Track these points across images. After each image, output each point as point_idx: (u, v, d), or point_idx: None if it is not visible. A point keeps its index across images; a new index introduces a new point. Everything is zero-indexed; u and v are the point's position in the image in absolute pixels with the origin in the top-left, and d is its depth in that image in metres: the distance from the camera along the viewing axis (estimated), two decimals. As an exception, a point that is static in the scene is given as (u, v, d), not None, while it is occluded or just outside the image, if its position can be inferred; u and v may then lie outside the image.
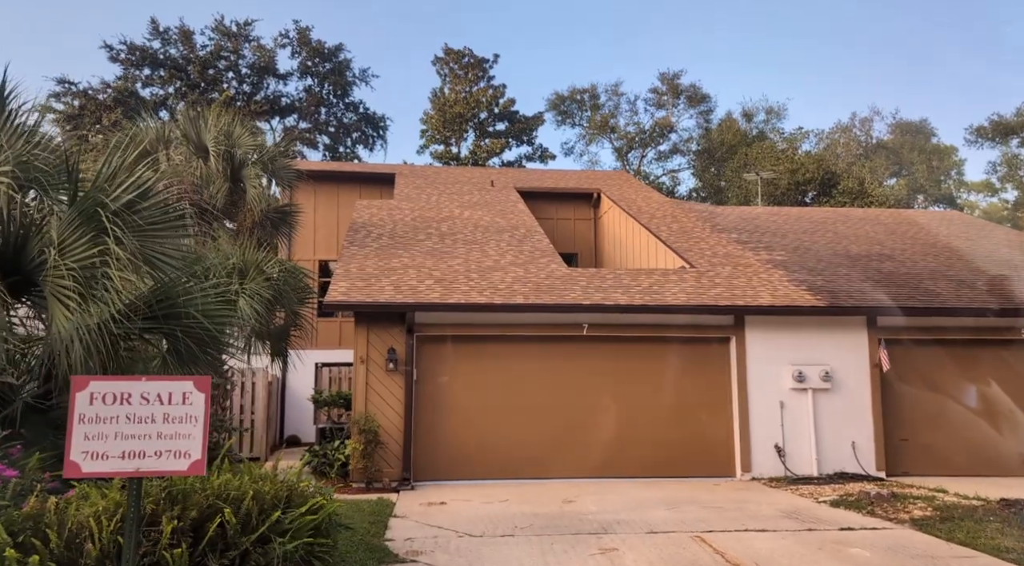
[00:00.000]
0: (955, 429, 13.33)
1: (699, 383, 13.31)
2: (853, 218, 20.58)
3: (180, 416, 4.23)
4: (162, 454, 4.15)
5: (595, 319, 12.92)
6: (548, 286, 13.41)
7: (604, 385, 13.10)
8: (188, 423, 4.25)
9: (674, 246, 16.40)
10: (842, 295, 13.70)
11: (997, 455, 13.23)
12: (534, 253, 15.50)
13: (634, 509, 9.92)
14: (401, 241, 15.70)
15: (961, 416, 13.41)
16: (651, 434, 13.00)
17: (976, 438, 13.30)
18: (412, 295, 12.54)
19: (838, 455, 13.05)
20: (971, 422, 13.38)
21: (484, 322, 12.76)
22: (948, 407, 13.40)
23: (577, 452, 12.79)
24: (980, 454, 13.21)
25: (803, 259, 16.07)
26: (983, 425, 13.38)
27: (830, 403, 13.19)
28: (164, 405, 4.21)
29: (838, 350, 13.38)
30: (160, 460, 4.15)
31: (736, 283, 14.06)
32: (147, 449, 4.13)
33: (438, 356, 12.82)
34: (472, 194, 20.96)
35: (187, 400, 4.27)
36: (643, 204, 20.61)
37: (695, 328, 13.29)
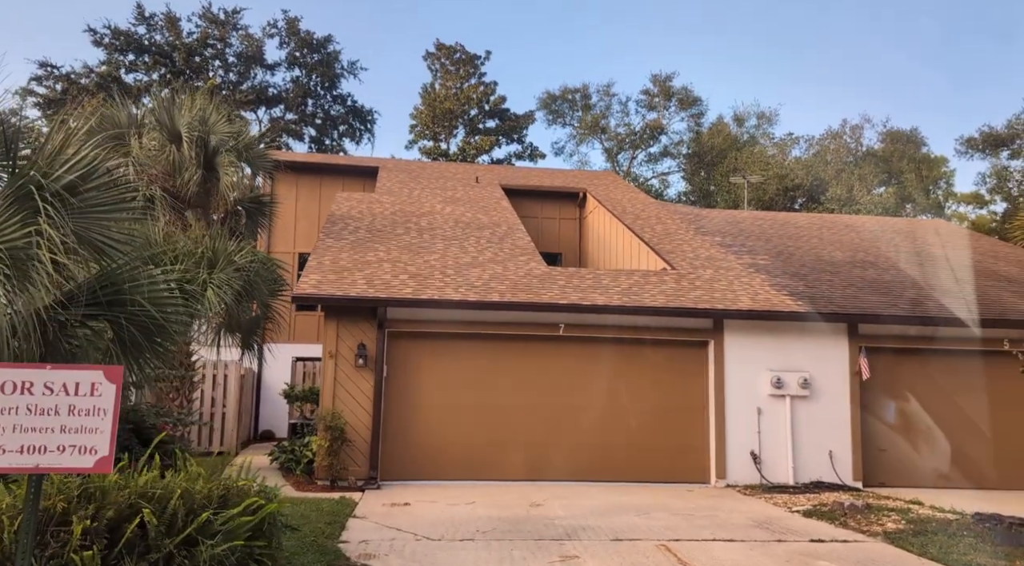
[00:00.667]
0: (935, 440, 13.14)
1: (676, 387, 13.07)
2: (839, 224, 20.41)
3: (87, 408, 3.92)
4: (65, 449, 3.84)
5: (572, 319, 12.67)
6: (525, 285, 13.14)
7: (580, 387, 12.85)
8: (96, 416, 3.94)
9: (657, 248, 16.16)
10: (823, 301, 13.49)
11: (976, 468, 13.04)
12: (514, 251, 15.23)
13: (603, 514, 9.66)
14: (379, 235, 15.41)
15: (941, 427, 13.21)
16: (626, 438, 12.75)
17: (956, 450, 13.11)
18: (385, 290, 12.25)
19: (815, 464, 12.83)
20: (951, 434, 13.19)
21: (458, 319, 12.49)
22: (928, 418, 13.20)
23: (550, 454, 12.52)
24: (959, 466, 13.02)
25: (786, 264, 15.87)
26: (963, 437, 13.19)
27: (808, 411, 12.97)
28: (70, 396, 3.91)
29: (818, 357, 13.16)
30: (63, 456, 3.84)
31: (717, 286, 13.83)
32: (49, 444, 3.82)
33: (410, 353, 12.54)
34: (456, 190, 20.67)
35: (96, 391, 3.96)
36: (628, 205, 20.37)
37: (674, 331, 13.05)
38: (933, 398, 13.31)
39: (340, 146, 34.19)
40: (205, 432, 16.59)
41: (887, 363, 13.24)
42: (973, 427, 13.27)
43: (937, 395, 13.32)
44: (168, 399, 12.98)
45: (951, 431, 13.18)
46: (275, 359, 20.50)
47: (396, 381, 12.40)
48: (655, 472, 12.64)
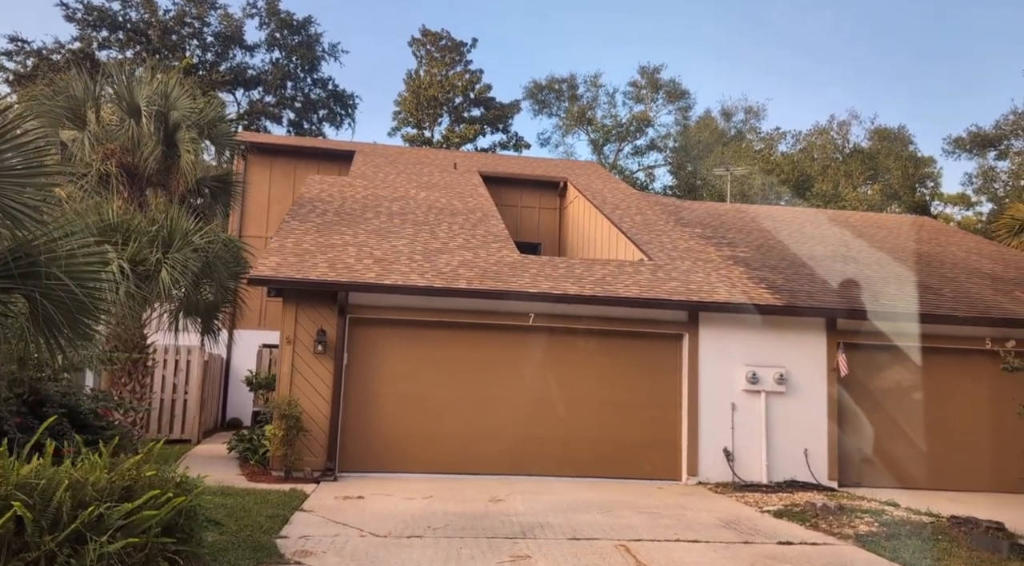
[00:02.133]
0: (913, 439, 12.78)
1: (649, 381, 12.65)
2: (822, 219, 20.04)
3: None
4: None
5: (542, 309, 12.21)
6: (495, 272, 12.68)
7: (550, 379, 12.40)
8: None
9: (635, 238, 15.72)
10: (802, 295, 13.10)
11: (955, 468, 12.70)
12: (487, 238, 14.75)
13: (565, 511, 9.23)
14: (347, 218, 14.89)
15: (921, 427, 12.85)
16: (596, 432, 12.33)
17: (934, 450, 12.75)
18: (347, 274, 11.74)
19: (790, 462, 12.45)
20: (931, 433, 12.82)
21: (424, 306, 12.01)
22: (907, 416, 12.85)
23: (517, 448, 12.08)
24: (937, 467, 12.67)
25: (766, 257, 15.47)
26: (943, 437, 12.83)
27: (784, 407, 12.59)
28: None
29: (795, 352, 12.77)
30: None
31: (693, 278, 13.41)
32: None
33: (372, 340, 12.05)
34: (432, 176, 20.16)
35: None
36: (609, 195, 19.93)
37: (647, 323, 12.62)
38: (913, 396, 12.95)
39: (320, 131, 33.54)
40: (166, 419, 16.06)
41: (866, 360, 12.87)
42: (953, 427, 12.92)
43: (917, 393, 12.97)
44: (120, 384, 12.46)
45: (931, 431, 12.82)
46: (245, 346, 20.02)
47: (357, 369, 11.91)
48: (625, 468, 12.22)
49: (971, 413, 12.97)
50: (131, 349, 12.47)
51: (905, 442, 12.78)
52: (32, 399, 8.21)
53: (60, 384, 8.90)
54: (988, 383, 12.80)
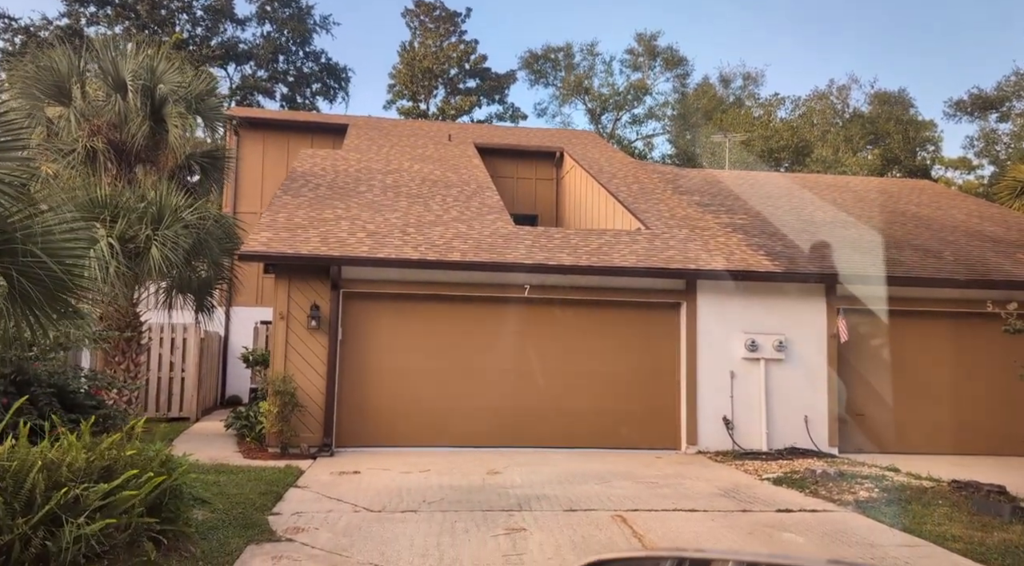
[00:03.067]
0: (914, 405, 12.69)
1: (647, 351, 12.54)
2: (821, 184, 19.81)
3: None
4: None
5: (538, 280, 12.07)
6: (490, 244, 12.52)
7: (546, 350, 12.29)
8: None
9: (631, 207, 15.53)
10: (801, 261, 12.94)
11: (957, 432, 12.61)
12: (481, 209, 14.57)
13: (562, 483, 9.16)
14: (340, 192, 14.70)
15: (921, 391, 12.76)
16: (594, 403, 12.24)
17: (936, 414, 12.68)
18: (339, 248, 11.59)
19: (789, 429, 12.38)
20: (931, 398, 12.74)
21: (417, 279, 11.87)
22: (908, 381, 12.75)
23: (515, 420, 12.01)
24: (939, 431, 12.59)
25: (765, 224, 15.28)
26: (944, 401, 12.75)
27: (783, 374, 12.49)
28: None
29: (795, 319, 12.64)
30: None
31: (691, 246, 13.25)
32: None
33: (368, 315, 11.93)
34: (427, 148, 19.92)
35: None
36: (606, 164, 19.69)
37: (645, 292, 12.48)
38: (913, 361, 12.85)
39: (313, 105, 33.12)
40: (164, 398, 16.01)
41: (866, 325, 12.74)
42: (954, 391, 12.83)
43: (918, 358, 12.86)
44: (114, 363, 12.36)
45: (931, 395, 12.74)
46: (243, 323, 19.94)
47: (352, 344, 11.80)
48: (624, 438, 12.15)
49: (973, 377, 12.87)
50: (123, 328, 12.36)
51: (906, 407, 12.69)
52: (19, 379, 8.10)
53: (49, 364, 8.79)
54: (990, 346, 12.67)
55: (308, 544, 6.12)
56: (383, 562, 5.72)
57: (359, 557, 5.82)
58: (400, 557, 5.86)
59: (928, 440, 12.47)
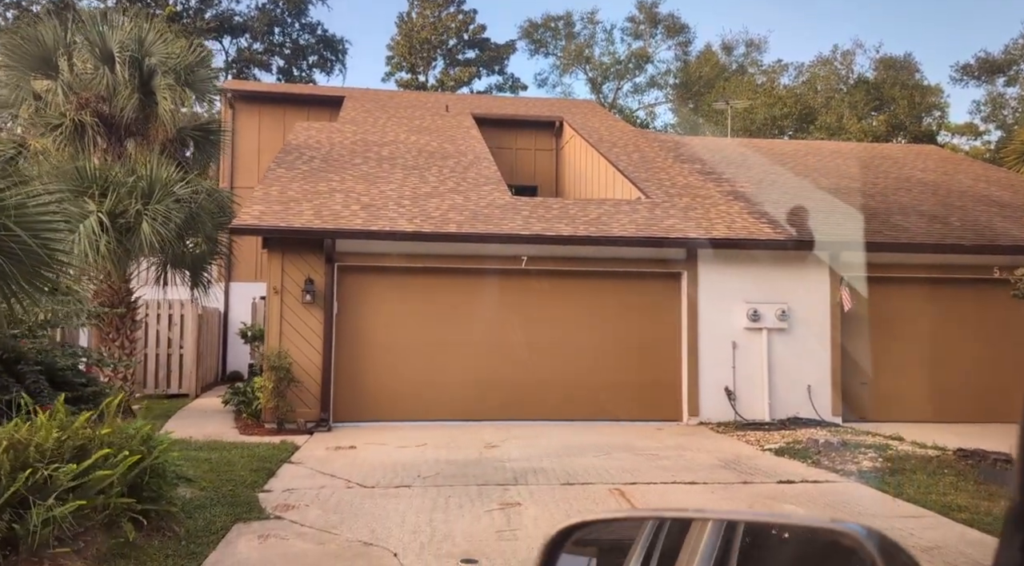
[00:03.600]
0: (919, 373, 12.51)
1: (647, 321, 12.36)
2: (825, 151, 19.48)
3: None
4: None
5: (535, 251, 11.86)
6: (486, 215, 12.30)
7: (545, 322, 12.12)
8: None
9: (632, 176, 15.26)
10: (803, 229, 12.69)
11: (962, 400, 12.43)
12: (478, 180, 14.32)
13: (560, 456, 9.04)
14: (335, 164, 14.46)
15: (926, 359, 12.57)
16: (595, 375, 12.09)
17: (940, 382, 12.48)
18: (333, 221, 11.39)
19: (792, 399, 12.22)
20: (936, 365, 12.55)
21: (414, 252, 11.68)
22: (913, 349, 12.56)
23: (513, 393, 11.87)
24: (944, 399, 12.40)
25: (767, 192, 15.01)
26: (949, 368, 12.55)
27: (786, 344, 12.31)
28: None
29: (797, 288, 12.43)
30: None
31: (692, 215, 13.01)
32: None
33: (362, 288, 11.75)
34: (424, 119, 19.61)
35: None
36: (606, 133, 19.37)
37: (645, 262, 12.27)
38: (918, 329, 12.65)
39: (311, 78, 32.69)
40: (163, 374, 15.92)
41: (870, 293, 12.51)
42: (959, 358, 12.64)
43: (923, 325, 12.66)
44: (108, 340, 12.23)
45: (936, 363, 12.55)
46: (241, 298, 19.80)
47: (348, 318, 11.64)
48: (625, 410, 12.01)
49: (979, 343, 12.67)
50: (116, 304, 12.20)
51: (910, 375, 12.52)
52: (7, 357, 7.96)
53: (38, 342, 8.65)
54: (996, 312, 12.46)
55: (297, 522, 5.99)
56: (373, 540, 5.59)
57: (348, 534, 5.70)
58: (391, 534, 5.73)
59: (935, 408, 12.29)
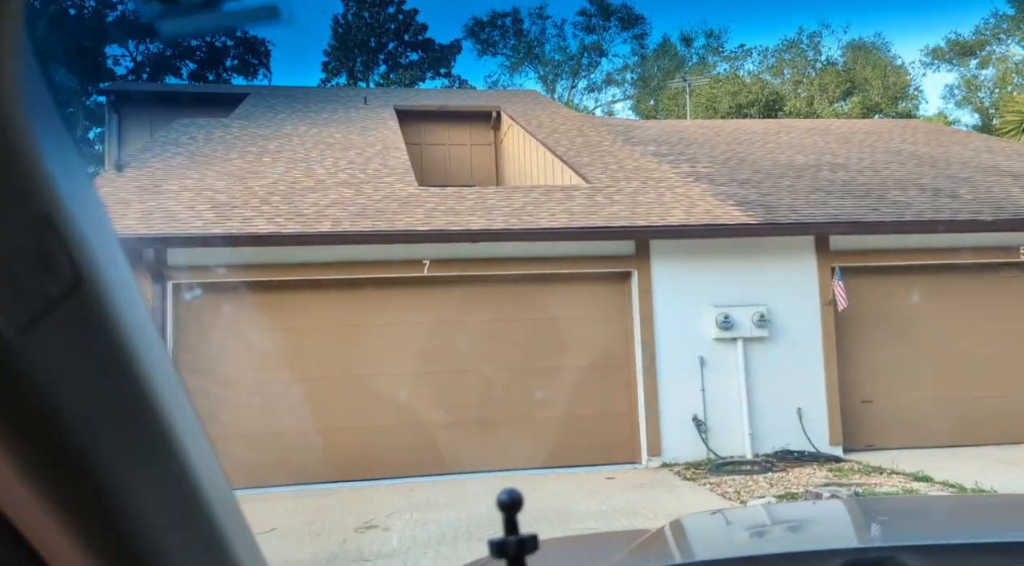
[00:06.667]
0: (938, 384, 9.91)
1: (591, 336, 9.67)
2: (798, 128, 16.99)
3: None
4: None
5: (440, 252, 9.13)
6: (379, 210, 9.56)
7: (458, 345, 9.38)
8: None
9: (571, 161, 12.61)
10: (782, 210, 10.10)
11: (995, 416, 9.82)
12: (380, 172, 11.59)
13: (460, 539, 6.28)
14: (200, 161, 11.66)
15: (945, 366, 9.97)
16: (524, 408, 9.36)
17: (967, 394, 9.88)
18: (164, 225, 8.58)
19: (779, 426, 9.56)
20: (959, 373, 9.95)
21: (280, 261, 8.90)
22: (928, 355, 9.95)
23: (417, 440, 9.09)
24: (972, 416, 9.80)
25: (735, 171, 12.43)
26: (975, 377, 9.96)
27: (768, 356, 9.65)
28: None
29: (778, 285, 9.80)
30: None
31: (642, 200, 10.36)
32: None
33: (210, 313, 8.93)
34: (335, 112, 16.88)
35: None
36: (547, 120, 16.74)
37: (584, 261, 9.59)
38: (934, 329, 10.06)
39: (228, 83, 29.92)
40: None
41: (870, 287, 9.92)
42: (984, 363, 10.04)
43: (939, 324, 10.07)
44: None
45: (960, 371, 9.94)
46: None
47: (190, 354, 8.79)
48: (566, 454, 9.27)
49: (1007, 344, 10.09)
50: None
51: (927, 388, 9.92)
52: None
53: None
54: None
55: None
56: None
57: None
58: None
59: (960, 429, 9.67)
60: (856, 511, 2.42)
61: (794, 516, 2.42)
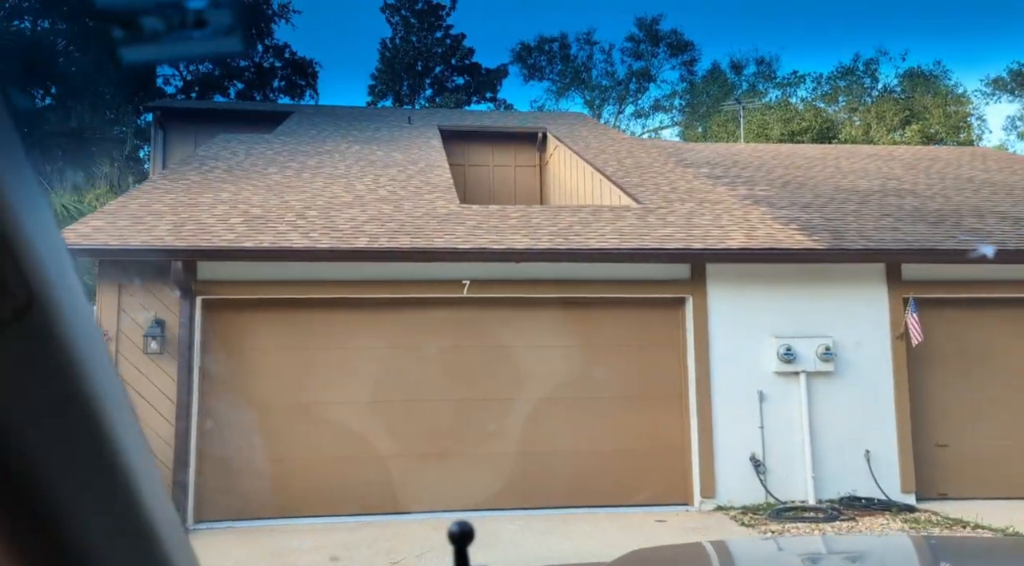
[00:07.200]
0: (1020, 429, 9.04)
1: (641, 366, 9.02)
2: (860, 154, 16.20)
3: None
4: None
5: (481, 272, 8.60)
6: (418, 227, 9.08)
7: (498, 371, 8.81)
8: None
9: (620, 181, 12.06)
10: (850, 235, 9.39)
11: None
12: (421, 189, 11.15)
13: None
14: (238, 174, 11.36)
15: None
16: (565, 443, 8.74)
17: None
18: (192, 237, 8.20)
19: (845, 470, 8.78)
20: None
21: (315, 278, 8.45)
22: (1012, 396, 9.11)
23: (454, 473, 8.51)
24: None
25: (795, 195, 11.75)
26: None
27: (833, 392, 8.90)
28: None
29: (845, 316, 9.07)
30: None
31: (698, 222, 9.74)
32: None
33: (242, 330, 8.50)
34: (379, 130, 16.58)
35: None
36: (595, 141, 16.25)
37: (635, 285, 8.98)
38: (1016, 368, 9.21)
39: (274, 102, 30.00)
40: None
41: (946, 320, 9.13)
42: (1073, 408, 9.16)
43: (1023, 363, 9.23)
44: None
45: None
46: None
47: (221, 373, 8.35)
48: (613, 493, 8.61)
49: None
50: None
51: (1010, 433, 9.06)
52: None
53: None
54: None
55: None
56: None
57: None
58: None
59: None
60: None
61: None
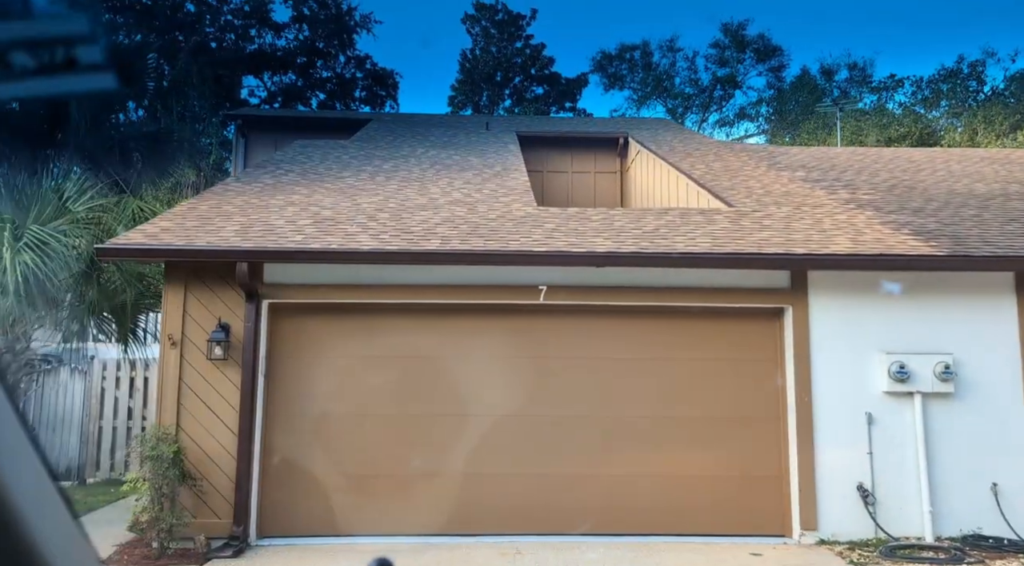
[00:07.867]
0: None
1: (733, 382, 8.24)
2: (972, 158, 14.93)
3: None
4: None
5: (559, 277, 8.01)
6: (492, 229, 8.55)
7: (577, 386, 8.18)
8: None
9: (709, 185, 11.29)
10: (973, 241, 8.40)
11: None
12: (497, 192, 10.64)
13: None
14: (312, 177, 11.09)
15: None
16: (654, 466, 8.02)
17: None
18: (259, 238, 7.86)
19: (968, 504, 7.79)
20: None
21: (385, 282, 8.01)
22: None
23: (526, 494, 7.90)
24: None
25: (903, 199, 10.75)
26: None
27: (954, 416, 7.93)
28: None
29: (967, 330, 8.10)
30: None
31: (796, 227, 8.91)
32: None
33: (308, 336, 8.11)
34: (456, 137, 16.22)
35: None
36: (679, 145, 15.48)
37: (727, 294, 8.22)
38: None
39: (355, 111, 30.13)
40: (121, 454, 12.70)
41: (1088, 337, 8.05)
42: None
43: None
44: None
45: None
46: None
47: (284, 380, 7.98)
48: (702, 521, 7.85)
49: None
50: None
51: None
52: None
53: None
54: None
55: None
56: None
57: None
58: None
59: None
60: None
61: None
